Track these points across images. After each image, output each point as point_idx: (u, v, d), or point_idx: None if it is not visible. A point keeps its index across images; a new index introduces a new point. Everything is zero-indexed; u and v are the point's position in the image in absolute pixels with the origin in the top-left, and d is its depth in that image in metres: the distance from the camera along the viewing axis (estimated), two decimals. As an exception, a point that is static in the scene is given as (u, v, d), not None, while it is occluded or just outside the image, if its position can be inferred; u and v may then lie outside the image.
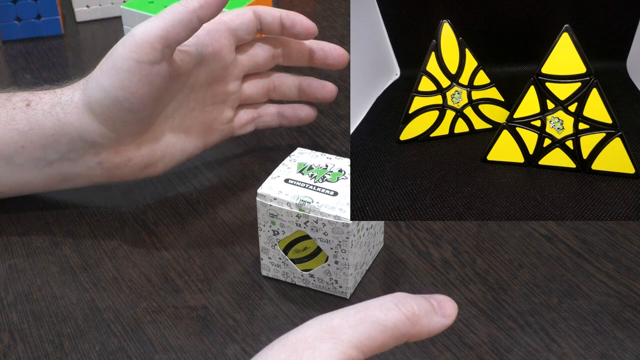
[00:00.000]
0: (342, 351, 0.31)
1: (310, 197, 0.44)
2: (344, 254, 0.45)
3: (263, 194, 0.45)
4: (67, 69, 0.75)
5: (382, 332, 0.32)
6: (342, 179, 0.46)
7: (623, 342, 0.44)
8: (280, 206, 0.45)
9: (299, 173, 0.46)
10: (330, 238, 0.44)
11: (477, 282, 0.49)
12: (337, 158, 0.48)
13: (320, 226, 0.44)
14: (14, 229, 0.53)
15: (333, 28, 0.83)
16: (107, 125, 0.49)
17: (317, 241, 0.45)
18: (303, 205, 0.44)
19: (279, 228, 0.46)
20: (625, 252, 0.51)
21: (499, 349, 0.44)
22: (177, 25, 0.47)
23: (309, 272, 0.47)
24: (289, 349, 0.31)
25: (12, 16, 0.78)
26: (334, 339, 0.31)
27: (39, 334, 0.45)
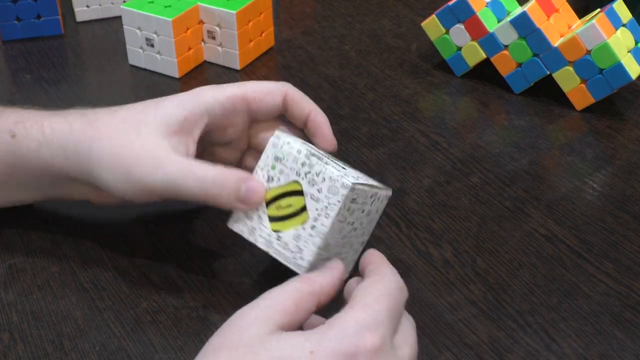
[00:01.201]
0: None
1: (320, 155, 0.44)
2: (325, 219, 0.42)
3: (280, 135, 0.44)
4: (67, 69, 0.75)
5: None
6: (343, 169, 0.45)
7: (623, 342, 0.44)
8: (290, 150, 0.44)
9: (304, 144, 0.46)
10: (321, 196, 0.43)
11: (477, 282, 0.49)
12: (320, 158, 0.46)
13: (320, 180, 0.43)
14: (14, 229, 0.53)
15: (333, 28, 0.83)
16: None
17: (307, 197, 0.43)
18: (312, 156, 0.43)
19: (276, 174, 0.44)
20: (625, 252, 0.51)
21: (499, 349, 0.44)
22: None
23: (278, 233, 0.44)
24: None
25: (12, 16, 0.78)
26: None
27: (39, 333, 0.45)
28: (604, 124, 0.65)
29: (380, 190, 0.46)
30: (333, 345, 0.35)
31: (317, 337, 0.35)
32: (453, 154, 0.61)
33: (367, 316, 0.36)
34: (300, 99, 0.49)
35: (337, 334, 0.35)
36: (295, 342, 0.35)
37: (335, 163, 0.45)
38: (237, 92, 0.48)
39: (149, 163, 0.44)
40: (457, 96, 0.70)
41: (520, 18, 0.66)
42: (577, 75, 0.66)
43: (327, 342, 0.35)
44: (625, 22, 0.68)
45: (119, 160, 0.45)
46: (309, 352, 0.34)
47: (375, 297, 0.37)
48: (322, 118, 0.49)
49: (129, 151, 0.45)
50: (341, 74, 0.73)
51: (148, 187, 0.45)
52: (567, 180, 0.58)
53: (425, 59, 0.76)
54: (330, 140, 0.49)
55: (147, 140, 0.45)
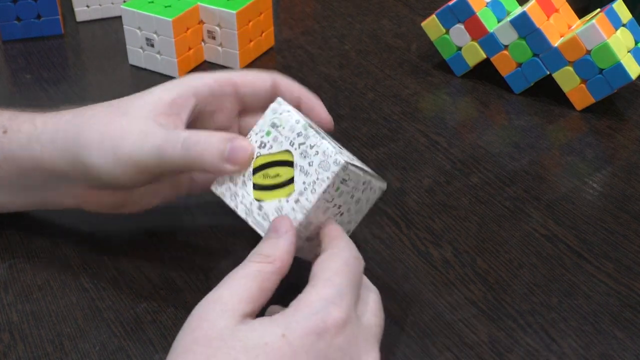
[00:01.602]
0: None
1: (318, 130, 0.43)
2: (311, 194, 0.41)
3: (282, 102, 0.44)
4: (67, 69, 0.75)
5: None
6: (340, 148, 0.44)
7: (623, 342, 0.44)
8: (289, 118, 0.43)
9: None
10: (311, 170, 0.41)
11: (477, 282, 0.49)
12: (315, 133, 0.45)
13: (313, 153, 0.42)
14: (14, 229, 0.53)
15: (333, 28, 0.83)
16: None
17: (296, 168, 0.42)
18: (311, 128, 0.42)
19: (269, 141, 0.43)
20: (625, 252, 0.51)
21: (499, 349, 0.44)
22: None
23: (260, 202, 0.43)
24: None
25: (12, 16, 0.78)
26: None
27: (39, 333, 0.45)
28: (604, 124, 0.65)
29: (375, 180, 0.45)
30: (303, 325, 0.35)
31: (287, 320, 0.36)
32: (453, 154, 0.61)
33: (331, 291, 0.37)
34: (290, 83, 0.49)
35: (304, 313, 0.36)
36: (266, 328, 0.36)
37: (334, 143, 0.44)
38: (224, 75, 0.48)
39: (136, 137, 0.44)
40: (457, 96, 0.70)
41: (520, 18, 0.66)
42: (577, 75, 0.66)
43: (296, 324, 0.35)
44: (625, 22, 0.68)
45: (106, 138, 0.44)
46: (280, 335, 0.35)
47: (334, 270, 0.38)
48: (315, 100, 0.49)
49: (115, 130, 0.44)
50: (341, 74, 0.73)
51: (136, 162, 0.44)
52: (567, 180, 0.58)
53: (425, 59, 0.76)
54: (327, 118, 0.48)
55: (134, 119, 0.45)
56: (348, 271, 0.39)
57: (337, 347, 0.36)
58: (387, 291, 0.48)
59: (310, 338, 0.35)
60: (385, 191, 0.57)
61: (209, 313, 0.37)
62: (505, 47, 0.68)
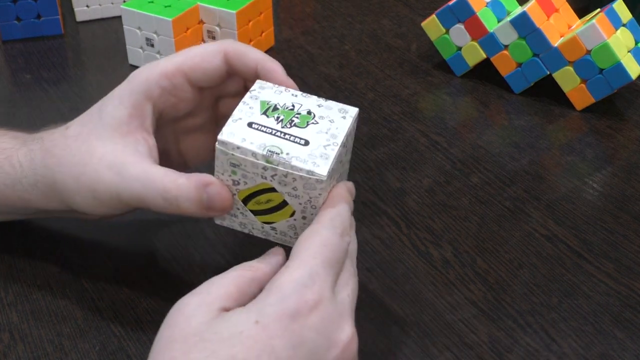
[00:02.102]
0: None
1: (278, 146, 0.39)
2: (313, 209, 0.40)
3: (224, 141, 0.39)
4: (67, 69, 0.75)
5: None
6: (312, 124, 0.41)
7: (623, 342, 0.44)
8: (244, 156, 0.39)
9: (262, 115, 0.40)
10: (300, 193, 0.40)
11: (477, 282, 0.49)
12: (304, 95, 0.43)
13: (290, 180, 0.39)
14: (14, 229, 0.53)
15: (333, 28, 0.83)
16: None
17: (284, 195, 0.40)
18: (271, 157, 0.39)
19: (240, 179, 0.40)
20: (625, 252, 0.51)
21: (499, 349, 0.44)
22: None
23: (270, 224, 0.43)
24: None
25: (12, 16, 0.78)
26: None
27: (39, 333, 0.45)
28: (604, 124, 0.65)
29: (349, 119, 0.42)
30: (275, 309, 0.35)
31: (259, 306, 0.36)
32: (453, 154, 0.61)
33: (303, 272, 0.36)
34: (242, 52, 0.45)
35: (276, 297, 0.36)
36: (239, 317, 0.35)
37: (295, 127, 0.40)
38: (169, 67, 0.45)
39: (110, 180, 0.43)
40: (457, 96, 0.70)
41: (520, 18, 0.66)
42: (577, 75, 0.66)
43: (268, 308, 0.35)
44: (625, 22, 0.68)
45: (81, 182, 0.44)
46: (254, 322, 0.35)
47: (311, 251, 0.38)
48: (271, 64, 0.45)
49: (88, 171, 0.43)
50: (341, 74, 0.73)
51: (118, 204, 0.44)
52: (567, 180, 0.58)
53: (425, 59, 0.76)
54: (288, 83, 0.44)
55: (104, 154, 0.43)
56: (326, 251, 0.38)
57: (311, 327, 0.35)
58: (387, 291, 0.48)
59: (284, 321, 0.35)
60: (385, 191, 0.57)
61: (186, 309, 0.37)
62: (505, 47, 0.68)
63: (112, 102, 0.44)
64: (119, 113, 0.44)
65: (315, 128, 0.40)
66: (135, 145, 0.44)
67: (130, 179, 0.42)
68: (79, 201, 0.44)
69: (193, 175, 0.42)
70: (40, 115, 0.67)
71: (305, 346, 0.35)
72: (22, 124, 0.51)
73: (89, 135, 0.44)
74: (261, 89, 0.42)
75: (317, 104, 0.42)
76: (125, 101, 0.44)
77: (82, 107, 0.49)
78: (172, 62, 0.45)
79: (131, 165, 0.43)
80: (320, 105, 0.42)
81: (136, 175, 0.42)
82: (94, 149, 0.44)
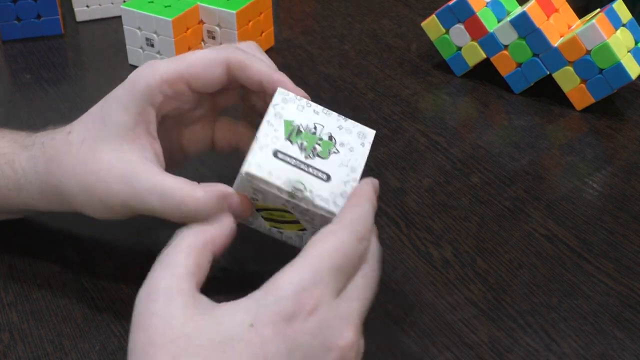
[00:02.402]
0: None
1: (302, 182, 0.40)
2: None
3: (251, 174, 0.40)
4: (67, 69, 0.75)
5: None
6: (334, 153, 0.41)
7: (623, 342, 0.44)
8: (268, 188, 0.40)
9: (287, 140, 0.41)
10: (316, 222, 0.41)
11: (477, 282, 0.49)
12: (325, 113, 0.43)
13: (310, 214, 0.40)
14: (14, 229, 0.53)
15: (333, 28, 0.83)
16: None
17: (299, 219, 0.41)
18: (295, 194, 0.40)
19: (259, 198, 0.41)
20: (625, 252, 0.51)
21: (499, 349, 0.44)
22: None
23: (279, 230, 0.43)
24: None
25: (12, 16, 0.78)
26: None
27: (39, 333, 0.45)
28: (604, 124, 0.65)
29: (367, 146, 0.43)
30: (270, 311, 0.34)
31: (255, 307, 0.34)
32: (453, 154, 0.61)
33: (305, 275, 0.35)
34: (246, 65, 0.44)
35: (273, 298, 0.34)
36: (234, 319, 0.34)
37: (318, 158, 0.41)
38: (170, 74, 0.43)
39: (122, 191, 0.42)
40: (457, 96, 0.70)
41: (520, 18, 0.66)
42: (577, 75, 0.66)
43: (264, 310, 0.34)
44: (625, 22, 0.68)
45: (90, 192, 0.43)
46: (248, 326, 0.34)
47: (320, 253, 0.36)
48: (277, 77, 0.43)
49: (98, 182, 0.43)
50: (341, 74, 0.73)
51: (128, 212, 0.44)
52: (567, 180, 0.58)
53: (425, 59, 0.76)
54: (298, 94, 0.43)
55: (112, 164, 0.43)
56: (338, 255, 0.36)
57: (307, 332, 0.34)
58: (387, 291, 0.48)
59: (279, 325, 0.33)
60: (386, 191, 0.57)
61: (156, 306, 0.35)
62: (505, 47, 0.68)
63: (116, 108, 0.44)
64: (124, 119, 0.43)
65: (337, 159, 0.42)
66: (142, 152, 0.43)
67: (144, 192, 0.42)
68: (87, 208, 0.44)
69: (209, 187, 0.41)
70: (40, 115, 0.67)
71: (299, 351, 0.34)
72: (22, 124, 0.51)
73: (94, 143, 0.43)
74: (284, 102, 0.42)
75: (338, 125, 0.43)
76: (130, 107, 0.43)
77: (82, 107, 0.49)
78: (173, 68, 0.44)
79: (143, 176, 0.42)
80: (341, 128, 0.42)
81: (150, 188, 0.42)
82: (101, 157, 0.43)
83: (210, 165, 0.59)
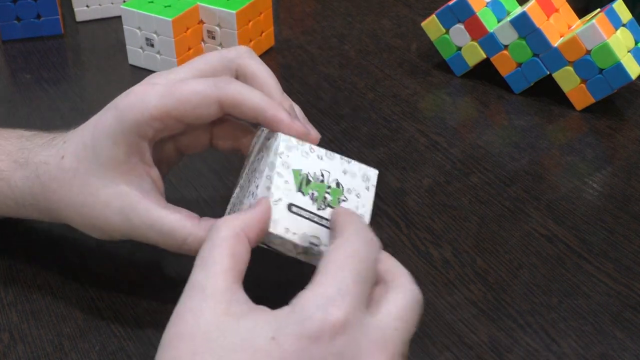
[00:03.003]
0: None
1: (317, 236, 0.40)
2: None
3: (276, 234, 0.39)
4: (67, 69, 0.75)
5: None
6: (343, 201, 0.41)
7: (623, 342, 0.44)
8: (284, 244, 0.40)
9: (299, 192, 0.40)
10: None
11: (477, 282, 0.49)
12: (328, 156, 0.42)
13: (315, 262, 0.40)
14: (14, 229, 0.53)
15: (333, 28, 0.83)
16: None
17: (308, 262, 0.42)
18: (311, 249, 0.40)
19: (271, 245, 0.41)
20: (625, 252, 0.51)
21: (499, 349, 0.44)
22: None
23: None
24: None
25: (12, 16, 0.78)
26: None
27: (39, 333, 0.45)
28: (604, 124, 0.65)
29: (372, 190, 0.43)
30: (294, 329, 0.32)
31: (279, 321, 0.33)
32: (453, 154, 0.61)
33: (330, 288, 0.33)
34: (239, 101, 0.41)
35: (299, 316, 0.32)
36: (255, 326, 0.33)
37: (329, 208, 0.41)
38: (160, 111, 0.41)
39: (121, 225, 0.43)
40: (457, 96, 0.70)
41: (520, 18, 0.66)
42: (577, 75, 0.66)
43: (288, 327, 0.32)
44: (625, 22, 0.68)
45: (88, 222, 0.44)
46: (270, 338, 0.32)
47: (338, 264, 0.34)
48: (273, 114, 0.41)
49: (96, 215, 0.43)
50: (341, 74, 0.73)
51: (127, 238, 0.44)
52: (567, 180, 0.58)
53: (425, 59, 0.76)
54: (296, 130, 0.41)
55: (109, 198, 0.42)
56: (354, 262, 0.35)
57: (334, 352, 0.32)
58: (387, 291, 0.48)
59: (303, 342, 0.32)
60: (386, 191, 0.57)
61: (191, 303, 0.35)
62: (505, 47, 0.68)
63: (106, 142, 0.42)
64: (114, 153, 0.42)
65: (346, 207, 0.41)
66: (139, 183, 0.43)
67: (143, 228, 0.42)
68: (86, 232, 0.45)
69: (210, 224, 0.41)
70: (40, 115, 0.67)
71: None
72: (22, 124, 0.51)
73: (87, 175, 0.43)
74: (288, 150, 0.41)
75: (342, 169, 0.42)
76: (120, 142, 0.42)
77: (82, 107, 0.50)
78: (162, 104, 0.41)
79: (142, 212, 0.42)
80: (346, 172, 0.42)
81: (150, 224, 0.42)
82: (96, 190, 0.43)
83: (210, 165, 0.59)
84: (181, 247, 0.42)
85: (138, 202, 0.42)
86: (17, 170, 0.46)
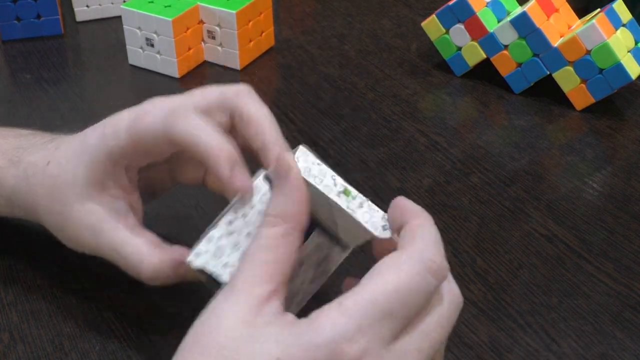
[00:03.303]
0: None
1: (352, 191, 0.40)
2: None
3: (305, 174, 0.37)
4: (67, 69, 0.75)
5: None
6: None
7: (623, 342, 0.44)
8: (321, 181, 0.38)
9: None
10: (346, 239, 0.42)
11: (477, 282, 0.49)
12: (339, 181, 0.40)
13: (348, 225, 0.40)
14: (14, 229, 0.53)
15: (333, 28, 0.83)
16: None
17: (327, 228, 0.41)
18: (350, 190, 0.39)
19: None
20: (625, 252, 0.51)
21: (499, 349, 0.44)
22: None
23: None
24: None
25: (12, 16, 0.78)
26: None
27: (39, 334, 0.45)
28: (604, 124, 0.65)
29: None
30: (301, 353, 0.30)
31: (289, 341, 0.31)
32: (453, 154, 0.61)
33: (350, 321, 0.30)
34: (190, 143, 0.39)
35: (310, 340, 0.30)
36: (267, 341, 0.31)
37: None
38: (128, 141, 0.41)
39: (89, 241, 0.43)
40: (457, 96, 0.70)
41: (520, 18, 0.66)
42: (577, 75, 0.66)
43: (295, 349, 0.30)
44: (625, 22, 0.68)
45: (64, 231, 0.44)
46: (275, 358, 0.30)
47: (373, 294, 0.31)
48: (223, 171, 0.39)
49: (69, 226, 0.43)
50: (341, 74, 0.73)
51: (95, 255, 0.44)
52: (567, 180, 0.58)
53: (425, 59, 0.76)
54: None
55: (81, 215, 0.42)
56: (395, 298, 0.31)
57: None
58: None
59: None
60: (385, 191, 0.57)
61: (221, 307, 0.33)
62: (505, 47, 0.68)
63: (84, 161, 0.42)
64: (90, 173, 0.42)
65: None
66: (111, 204, 0.43)
67: (106, 248, 0.43)
68: (62, 241, 0.45)
69: (165, 252, 0.42)
70: (40, 115, 0.67)
71: None
72: (22, 124, 0.51)
73: (66, 186, 0.43)
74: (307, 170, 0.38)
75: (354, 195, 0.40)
76: (96, 167, 0.42)
77: (82, 107, 0.49)
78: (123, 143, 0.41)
79: (108, 230, 0.42)
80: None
81: (112, 247, 0.42)
82: (71, 204, 0.43)
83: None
84: (138, 273, 0.42)
85: (107, 221, 0.42)
86: (10, 168, 0.46)
